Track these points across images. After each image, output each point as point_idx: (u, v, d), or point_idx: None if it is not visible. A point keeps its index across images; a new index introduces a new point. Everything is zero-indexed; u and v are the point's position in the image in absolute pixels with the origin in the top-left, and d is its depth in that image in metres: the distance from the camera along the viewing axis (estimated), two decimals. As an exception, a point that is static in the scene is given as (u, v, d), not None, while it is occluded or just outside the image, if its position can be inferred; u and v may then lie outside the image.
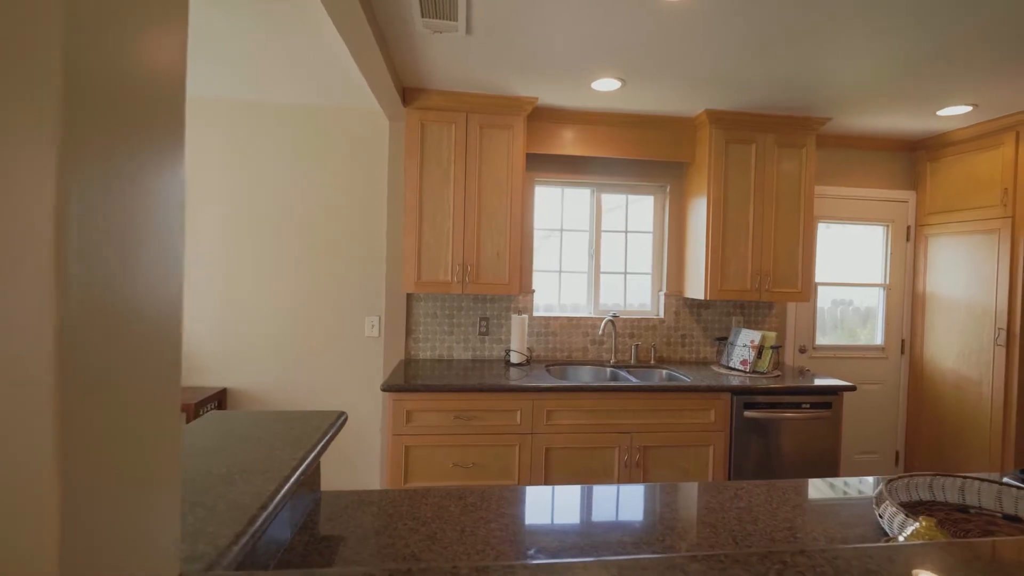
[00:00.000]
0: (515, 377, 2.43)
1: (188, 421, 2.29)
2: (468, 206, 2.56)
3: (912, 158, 3.19)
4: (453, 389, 2.26)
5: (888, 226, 3.22)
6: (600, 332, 2.97)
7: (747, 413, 2.42)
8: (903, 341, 3.22)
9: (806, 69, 2.16)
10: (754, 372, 2.68)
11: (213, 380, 2.76)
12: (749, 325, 3.09)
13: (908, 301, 3.21)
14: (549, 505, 1.14)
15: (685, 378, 2.56)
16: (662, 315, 3.05)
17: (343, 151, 2.81)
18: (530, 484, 2.22)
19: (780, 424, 2.47)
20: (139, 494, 0.46)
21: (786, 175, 2.74)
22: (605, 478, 2.37)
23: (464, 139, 2.55)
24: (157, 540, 0.48)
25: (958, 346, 2.88)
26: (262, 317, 2.78)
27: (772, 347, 2.69)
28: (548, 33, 1.90)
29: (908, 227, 3.20)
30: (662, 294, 3.08)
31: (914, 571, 0.52)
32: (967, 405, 2.81)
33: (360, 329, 2.84)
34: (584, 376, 2.86)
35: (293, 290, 2.80)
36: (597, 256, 3.06)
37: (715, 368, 2.82)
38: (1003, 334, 2.63)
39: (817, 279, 3.17)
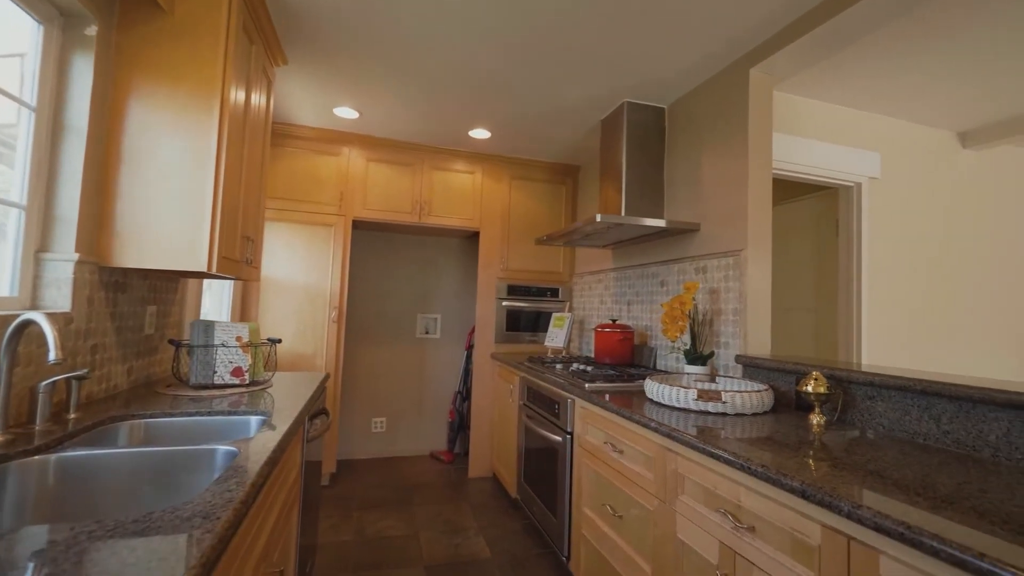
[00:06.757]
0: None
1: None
2: None
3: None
4: None
5: (238, 201, 2.90)
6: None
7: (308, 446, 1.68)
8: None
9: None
10: (253, 384, 1.81)
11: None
12: (165, 313, 1.92)
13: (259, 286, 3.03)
14: None
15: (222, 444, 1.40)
16: (67, 307, 1.35)
17: None
18: None
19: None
20: None
21: (257, 114, 2.03)
22: None
23: None
24: None
25: (295, 325, 3.11)
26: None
27: (270, 341, 1.92)
28: None
29: (246, 206, 3.02)
30: (55, 260, 1.35)
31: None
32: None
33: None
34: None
35: None
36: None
37: (193, 394, 1.62)
38: (336, 312, 3.17)
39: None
